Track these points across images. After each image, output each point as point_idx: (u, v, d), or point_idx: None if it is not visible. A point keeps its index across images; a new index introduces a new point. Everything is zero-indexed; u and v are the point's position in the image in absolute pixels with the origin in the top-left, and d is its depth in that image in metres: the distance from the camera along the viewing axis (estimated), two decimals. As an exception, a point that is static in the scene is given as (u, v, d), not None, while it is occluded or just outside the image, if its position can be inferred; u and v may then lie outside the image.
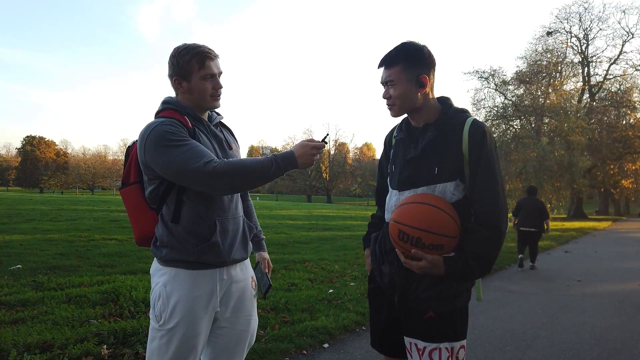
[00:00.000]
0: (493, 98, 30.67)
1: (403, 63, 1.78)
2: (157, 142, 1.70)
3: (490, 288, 6.95)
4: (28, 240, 9.29)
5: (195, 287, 1.80)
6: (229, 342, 1.93)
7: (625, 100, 33.20)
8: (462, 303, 1.82)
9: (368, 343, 4.04)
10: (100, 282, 5.48)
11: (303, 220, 19.25)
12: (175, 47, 1.86)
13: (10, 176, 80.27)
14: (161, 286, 1.80)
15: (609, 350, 4.18)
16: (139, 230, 1.88)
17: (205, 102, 1.88)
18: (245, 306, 1.96)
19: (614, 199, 45.88)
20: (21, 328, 3.75)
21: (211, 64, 1.85)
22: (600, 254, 12.16)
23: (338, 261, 8.19)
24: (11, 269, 6.11)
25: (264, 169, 1.71)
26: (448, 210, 1.70)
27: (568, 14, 35.42)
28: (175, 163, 1.68)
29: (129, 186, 1.87)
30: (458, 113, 1.84)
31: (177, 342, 1.76)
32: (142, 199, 1.86)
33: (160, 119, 1.78)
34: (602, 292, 6.88)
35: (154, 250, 1.85)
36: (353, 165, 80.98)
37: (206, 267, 1.82)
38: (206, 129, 1.89)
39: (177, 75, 1.84)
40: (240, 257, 1.94)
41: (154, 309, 1.80)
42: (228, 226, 1.87)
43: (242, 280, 1.96)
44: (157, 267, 1.86)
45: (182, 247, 1.79)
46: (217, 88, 1.88)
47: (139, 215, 1.87)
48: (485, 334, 4.54)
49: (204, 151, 1.71)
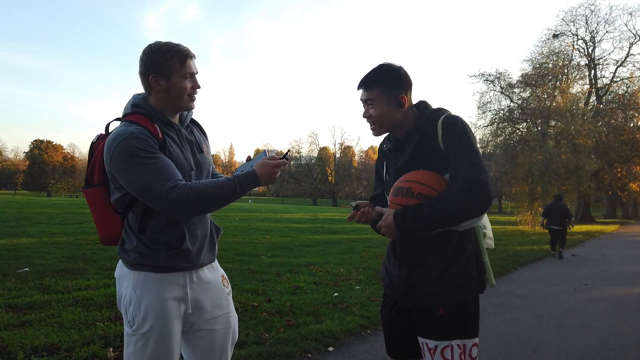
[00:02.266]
0: (499, 101, 30.58)
1: (382, 85, 1.85)
2: (123, 156, 1.65)
3: (496, 292, 6.92)
4: (35, 243, 9.37)
5: (165, 290, 1.77)
6: (214, 344, 1.91)
7: (633, 102, 32.97)
8: (471, 295, 1.82)
9: (373, 346, 4.06)
10: (106, 285, 5.52)
11: (308, 224, 19.27)
12: (152, 44, 1.80)
13: (18, 180, 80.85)
14: (131, 291, 1.76)
15: (616, 354, 4.15)
16: (103, 232, 1.84)
17: (181, 102, 1.82)
18: (221, 306, 1.94)
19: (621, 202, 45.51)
20: (28, 331, 3.78)
21: (191, 63, 1.81)
22: (607, 258, 12.07)
23: (343, 264, 8.18)
24: (19, 272, 6.16)
25: (228, 193, 1.71)
26: (439, 175, 1.79)
27: (574, 16, 35.31)
28: (138, 182, 1.65)
29: (94, 187, 1.81)
30: (434, 113, 1.89)
31: (153, 345, 1.74)
32: (107, 202, 1.80)
33: (129, 126, 1.70)
34: (609, 296, 6.83)
35: (120, 253, 1.82)
36: (359, 169, 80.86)
37: (175, 271, 1.80)
38: (177, 135, 1.84)
39: (155, 72, 1.76)
40: (208, 261, 1.92)
41: (126, 315, 1.78)
42: (197, 232, 1.85)
43: (212, 281, 1.93)
44: (125, 270, 1.81)
45: (152, 252, 1.76)
46: (195, 88, 1.84)
47: (102, 217, 1.82)
48: (491, 338, 4.52)
49: (170, 173, 1.66)
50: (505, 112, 29.39)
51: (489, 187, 1.70)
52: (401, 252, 1.91)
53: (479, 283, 1.85)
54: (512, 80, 29.85)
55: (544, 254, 12.03)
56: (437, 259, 1.81)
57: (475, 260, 1.85)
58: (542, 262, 10.73)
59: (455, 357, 1.77)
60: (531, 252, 12.04)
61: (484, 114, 31.03)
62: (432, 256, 1.82)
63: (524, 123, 29.03)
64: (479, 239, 1.89)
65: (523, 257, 10.89)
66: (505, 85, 29.94)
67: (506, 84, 29.93)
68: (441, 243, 1.81)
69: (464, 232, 1.83)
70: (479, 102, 31.18)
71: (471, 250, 1.84)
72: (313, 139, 77.94)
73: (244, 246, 10.34)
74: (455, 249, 1.81)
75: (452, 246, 1.81)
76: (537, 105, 27.09)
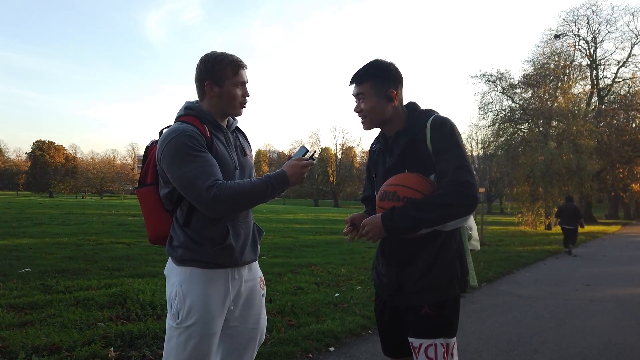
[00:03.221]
0: (500, 101, 30.44)
1: (372, 80, 1.90)
2: (173, 152, 1.77)
3: (497, 292, 6.91)
4: (37, 244, 9.39)
5: (210, 285, 1.85)
6: (240, 341, 1.98)
7: (635, 103, 32.89)
8: (454, 293, 1.86)
9: (374, 347, 4.05)
10: (108, 285, 5.53)
11: (310, 224, 19.28)
12: (209, 53, 1.93)
13: (20, 180, 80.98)
14: (177, 286, 1.85)
15: (617, 355, 4.14)
16: (153, 230, 1.94)
17: (232, 109, 1.95)
18: (254, 305, 2.01)
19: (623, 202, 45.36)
20: (30, 331, 3.79)
21: (243, 73, 1.94)
22: (609, 258, 12.05)
23: (344, 265, 8.18)
24: (20, 272, 6.17)
25: (261, 193, 1.81)
26: (425, 177, 1.81)
27: (576, 17, 35.24)
28: (182, 177, 1.76)
29: (146, 187, 1.93)
30: (423, 114, 1.92)
31: (195, 340, 1.80)
32: (158, 201, 1.91)
33: (182, 125, 1.83)
34: (610, 297, 6.82)
35: (169, 250, 1.90)
36: (360, 169, 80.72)
37: (219, 267, 1.87)
38: (225, 137, 1.95)
39: (209, 79, 1.89)
40: (251, 260, 2.00)
41: (171, 308, 1.85)
42: (240, 230, 1.93)
43: (250, 280, 2.01)
44: (173, 267, 1.91)
45: (198, 248, 1.84)
46: (245, 96, 1.96)
47: (153, 216, 1.93)
48: (492, 338, 4.52)
49: (211, 172, 1.76)
50: (507, 113, 29.29)
51: (474, 188, 1.73)
52: (390, 252, 1.95)
53: (462, 282, 1.90)
54: (513, 80, 29.73)
55: (545, 255, 12.02)
56: (423, 258, 1.85)
57: (459, 260, 1.89)
58: (544, 263, 10.72)
59: (439, 356, 1.81)
60: (532, 252, 12.04)
61: (485, 114, 30.95)
62: (419, 255, 1.85)
63: (526, 124, 28.93)
64: (464, 239, 1.93)
65: (524, 257, 10.88)
66: (507, 85, 29.84)
67: (508, 85, 29.82)
68: (427, 242, 1.84)
69: (449, 232, 1.87)
70: (481, 102, 31.10)
71: (455, 250, 1.88)
72: (314, 140, 77.98)
73: (245, 246, 10.33)
74: (440, 248, 1.85)
75: (437, 245, 1.84)
76: (538, 105, 27.01)
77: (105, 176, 75.38)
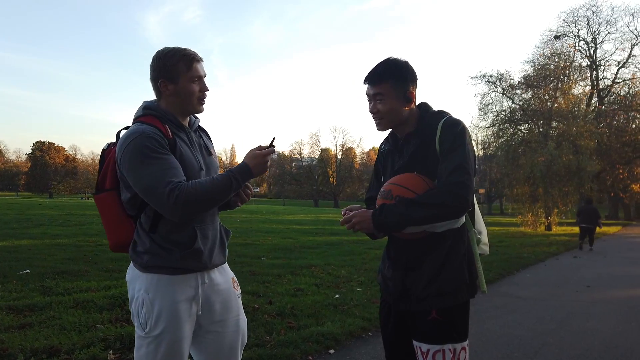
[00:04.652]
0: (500, 102, 30.42)
1: (392, 80, 1.84)
2: (132, 155, 1.70)
3: (498, 294, 6.90)
4: (37, 245, 9.37)
5: (177, 292, 1.79)
6: (223, 346, 1.93)
7: (635, 104, 32.87)
8: (463, 299, 1.83)
9: (374, 349, 4.04)
10: (107, 287, 5.51)
11: (310, 225, 19.25)
12: (159, 50, 1.85)
13: (20, 181, 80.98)
14: (143, 293, 1.78)
15: (618, 356, 4.13)
16: (114, 238, 1.86)
17: (191, 106, 1.87)
18: (231, 308, 1.96)
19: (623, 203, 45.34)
20: (29, 333, 3.78)
21: (198, 66, 1.85)
22: (609, 260, 12.03)
23: (344, 266, 8.16)
24: (20, 274, 6.16)
25: (224, 188, 1.74)
26: (424, 178, 1.79)
27: (576, 17, 35.24)
28: (143, 183, 1.69)
29: (105, 192, 1.84)
30: (434, 116, 1.89)
31: (165, 348, 1.76)
32: (119, 207, 1.83)
33: (142, 126, 1.75)
34: (611, 298, 6.81)
35: (133, 255, 1.84)
36: (360, 170, 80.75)
37: (188, 272, 1.82)
38: (188, 137, 1.89)
39: (163, 77, 1.81)
40: (220, 262, 1.95)
41: (137, 317, 1.80)
42: (208, 232, 1.88)
43: (223, 283, 1.96)
44: (136, 273, 1.83)
45: (165, 253, 1.78)
46: (203, 90, 1.88)
47: (114, 223, 1.84)
48: (493, 340, 4.51)
49: (172, 174, 1.69)
50: (507, 114, 29.28)
51: (468, 190, 1.70)
52: (396, 256, 1.93)
53: (471, 287, 1.86)
54: (513, 81, 29.74)
55: (546, 256, 12.01)
56: (430, 263, 1.82)
57: (468, 265, 1.86)
58: (544, 264, 10.71)
59: None
60: (533, 253, 12.02)
61: (485, 115, 30.94)
62: (426, 260, 1.83)
63: (526, 124, 28.92)
64: (473, 244, 1.90)
65: (525, 258, 10.86)
66: (507, 86, 29.84)
67: (508, 85, 29.83)
68: (435, 247, 1.82)
69: (457, 237, 1.84)
70: (481, 103, 31.10)
71: (464, 255, 1.85)
72: (314, 140, 77.99)
73: (244, 248, 10.33)
74: (448, 253, 1.81)
75: (445, 250, 1.81)
76: (538, 106, 27.01)
77: (105, 177, 75.14)
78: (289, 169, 78.49)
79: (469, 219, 1.91)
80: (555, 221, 24.24)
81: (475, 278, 1.88)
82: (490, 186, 48.16)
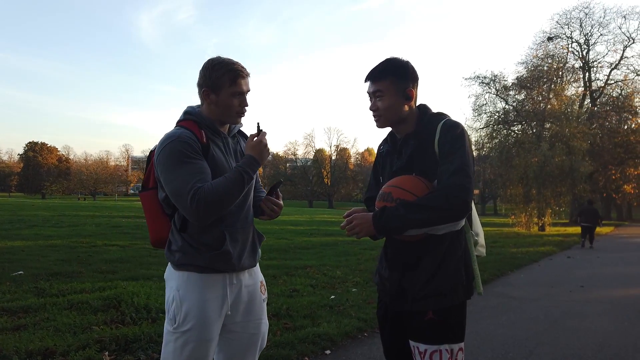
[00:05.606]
0: (494, 103, 30.61)
1: (391, 77, 1.87)
2: (166, 158, 1.78)
3: (492, 294, 6.93)
4: (30, 246, 9.30)
5: (207, 290, 1.85)
6: (241, 346, 1.98)
7: (627, 105, 33.17)
8: (460, 299, 1.84)
9: (370, 349, 4.05)
10: (102, 288, 5.48)
11: (305, 226, 19.26)
12: (210, 59, 1.91)
13: (13, 182, 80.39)
14: (175, 290, 1.85)
15: (612, 356, 4.16)
16: (154, 233, 1.96)
17: (228, 118, 1.95)
18: (255, 310, 2.01)
19: (616, 204, 45.73)
20: (23, 335, 3.75)
21: (242, 82, 1.91)
22: (602, 260, 12.12)
23: (340, 267, 8.17)
24: (13, 275, 6.11)
25: (238, 183, 1.81)
26: (423, 180, 1.80)
27: (569, 19, 35.50)
28: (171, 186, 1.78)
29: (148, 191, 1.94)
30: (433, 117, 1.91)
31: (192, 345, 1.80)
32: (158, 205, 1.92)
33: (179, 130, 1.84)
34: (604, 298, 6.86)
35: (167, 254, 1.91)
36: (354, 171, 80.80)
37: (217, 272, 1.87)
38: (223, 143, 1.96)
39: (207, 86, 1.88)
40: (249, 265, 1.99)
41: (168, 313, 1.86)
42: (237, 236, 1.92)
43: (251, 285, 2.00)
44: (171, 271, 1.91)
45: (195, 252, 1.85)
46: (243, 106, 1.94)
47: (154, 219, 1.94)
48: (488, 340, 4.53)
49: (199, 179, 1.75)
50: (501, 115, 29.45)
51: (468, 193, 1.71)
52: (393, 256, 1.94)
53: (467, 289, 1.88)
54: (507, 82, 29.92)
55: (539, 256, 12.09)
56: (427, 264, 1.83)
57: (464, 267, 1.87)
58: (538, 264, 10.77)
59: None
60: (527, 254, 12.09)
61: (479, 116, 31.11)
62: (423, 260, 1.84)
63: (519, 125, 29.10)
64: (470, 246, 1.91)
65: (519, 259, 10.93)
66: (501, 87, 30.02)
67: (501, 87, 30.00)
68: (432, 248, 1.83)
69: (454, 238, 1.84)
70: (475, 104, 31.26)
71: (460, 256, 1.86)
72: (309, 141, 77.94)
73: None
74: (445, 255, 1.83)
75: (442, 251, 1.82)
76: (532, 107, 27.19)
77: (99, 178, 74.86)
78: (283, 169, 78.43)
79: (467, 220, 1.92)
80: (548, 221, 24.39)
81: (472, 279, 1.89)
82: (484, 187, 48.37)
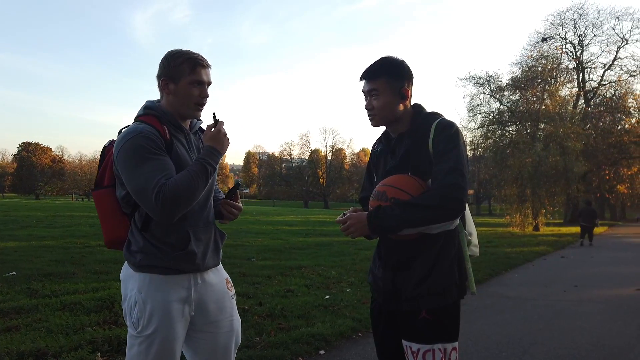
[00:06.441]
0: (489, 104, 30.72)
1: (387, 76, 1.87)
2: (127, 154, 1.71)
3: (486, 294, 6.95)
4: (23, 247, 9.24)
5: (170, 292, 1.79)
6: (217, 347, 1.93)
7: (620, 105, 33.39)
8: (453, 299, 1.84)
9: (364, 350, 4.04)
10: (95, 288, 5.46)
11: (300, 226, 19.24)
12: (170, 50, 1.88)
13: (6, 182, 79.86)
14: (136, 292, 1.78)
15: (605, 355, 4.18)
16: (109, 234, 1.87)
17: (188, 109, 1.87)
18: (225, 308, 1.96)
19: (610, 204, 46.01)
20: (15, 336, 3.72)
21: (202, 71, 1.85)
22: (596, 259, 12.18)
23: (335, 267, 8.17)
24: (6, 276, 6.07)
25: (201, 175, 1.75)
26: (417, 179, 1.80)
27: (563, 20, 35.68)
28: (134, 183, 1.69)
29: (103, 189, 1.86)
30: (428, 117, 1.90)
31: (157, 347, 1.76)
32: (115, 203, 1.84)
33: (140, 125, 1.77)
34: (598, 298, 6.89)
35: (126, 255, 1.84)
36: (350, 171, 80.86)
37: (181, 273, 1.82)
38: (186, 139, 1.90)
39: (165, 76, 1.83)
40: (213, 264, 1.96)
41: (130, 316, 1.80)
42: (201, 235, 1.88)
43: (216, 284, 1.96)
44: (130, 272, 1.84)
45: (158, 253, 1.78)
46: (203, 96, 1.87)
47: (110, 219, 1.86)
48: (482, 340, 4.53)
49: (164, 175, 1.69)
50: (495, 115, 29.55)
51: (463, 192, 1.71)
52: (386, 256, 1.94)
53: (461, 288, 1.88)
54: (501, 83, 30.03)
55: (534, 256, 12.14)
56: (420, 263, 1.83)
57: (458, 266, 1.87)
58: (532, 264, 10.81)
59: None
60: (521, 254, 12.13)
61: (474, 116, 31.19)
62: (416, 260, 1.84)
63: (514, 126, 29.20)
64: (463, 245, 1.91)
65: (513, 259, 10.96)
66: (495, 88, 30.12)
67: (496, 87, 30.10)
68: (425, 247, 1.82)
69: (448, 238, 1.84)
70: (469, 104, 31.34)
71: (454, 256, 1.86)
72: (304, 141, 77.91)
73: (234, 249, 10.28)
74: (438, 254, 1.82)
75: (435, 251, 1.82)
76: (526, 108, 27.28)
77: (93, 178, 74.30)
78: (278, 169, 78.39)
79: (460, 220, 1.92)
80: (542, 221, 24.49)
81: (465, 279, 1.90)
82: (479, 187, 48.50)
